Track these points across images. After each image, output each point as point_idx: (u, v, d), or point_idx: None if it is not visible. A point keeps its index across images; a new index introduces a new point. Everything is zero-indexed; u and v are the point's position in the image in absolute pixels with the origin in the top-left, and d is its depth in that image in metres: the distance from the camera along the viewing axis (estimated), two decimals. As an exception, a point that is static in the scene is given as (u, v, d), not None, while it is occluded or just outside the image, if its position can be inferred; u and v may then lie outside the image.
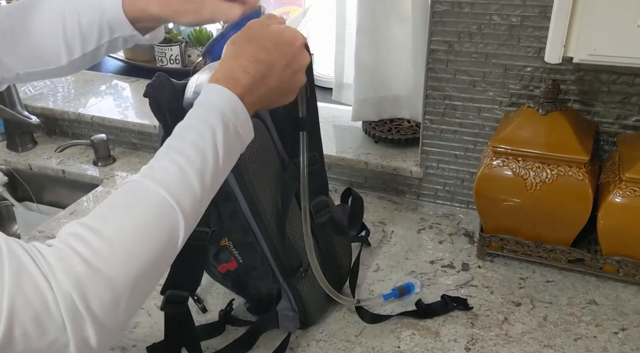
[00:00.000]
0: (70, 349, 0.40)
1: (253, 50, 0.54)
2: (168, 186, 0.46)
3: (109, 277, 0.42)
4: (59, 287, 0.39)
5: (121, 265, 0.43)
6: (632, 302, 0.83)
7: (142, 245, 0.45)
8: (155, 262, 0.45)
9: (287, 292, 0.77)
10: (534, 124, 0.85)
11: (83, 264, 0.41)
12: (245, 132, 0.54)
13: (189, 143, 0.49)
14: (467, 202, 1.07)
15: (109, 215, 0.45)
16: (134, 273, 0.43)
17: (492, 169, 0.86)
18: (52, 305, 0.39)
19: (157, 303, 0.86)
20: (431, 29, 0.94)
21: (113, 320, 0.42)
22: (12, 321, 0.37)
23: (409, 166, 1.09)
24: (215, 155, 0.50)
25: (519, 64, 0.91)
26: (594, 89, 0.89)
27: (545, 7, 0.85)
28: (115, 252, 0.43)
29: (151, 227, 0.45)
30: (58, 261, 0.41)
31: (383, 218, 1.06)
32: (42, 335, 0.39)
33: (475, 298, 0.85)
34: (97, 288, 0.41)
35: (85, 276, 0.41)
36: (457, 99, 0.98)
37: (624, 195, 0.79)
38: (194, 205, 0.48)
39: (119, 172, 1.28)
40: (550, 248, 0.87)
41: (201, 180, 0.48)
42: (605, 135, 0.92)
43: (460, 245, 0.97)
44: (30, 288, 0.39)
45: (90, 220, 0.44)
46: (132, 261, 0.44)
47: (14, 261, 0.39)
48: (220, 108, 0.51)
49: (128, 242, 0.44)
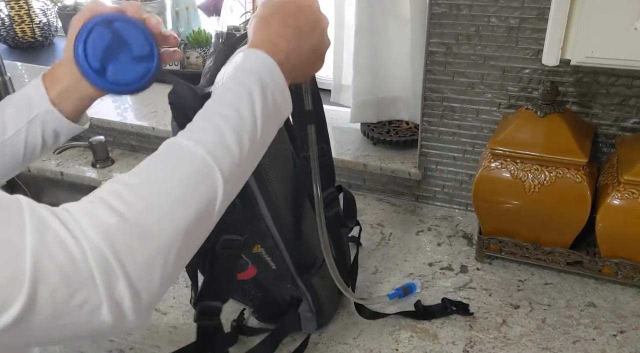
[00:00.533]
0: (103, 312, 0.38)
1: (281, 18, 0.54)
2: (206, 144, 0.44)
3: (142, 231, 0.39)
4: (87, 239, 0.37)
5: (156, 220, 0.40)
6: (631, 305, 0.83)
7: (179, 201, 0.42)
8: (192, 223, 0.42)
9: (306, 293, 0.77)
10: (533, 126, 0.85)
11: (114, 216, 0.38)
12: (283, 101, 0.52)
13: (226, 104, 0.48)
14: (465, 204, 1.07)
15: (145, 171, 0.43)
16: (169, 231, 0.41)
17: (491, 171, 0.86)
18: (79, 259, 0.36)
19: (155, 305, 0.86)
20: (429, 31, 0.94)
21: (147, 284, 0.39)
22: (37, 280, 0.35)
23: (407, 168, 1.08)
24: (253, 118, 0.48)
25: (517, 65, 0.91)
26: (592, 91, 0.89)
27: (544, 9, 0.85)
28: (150, 206, 0.40)
29: (189, 184, 0.43)
30: (86, 215, 0.38)
31: (381, 220, 1.06)
32: (72, 294, 0.36)
33: (473, 301, 0.85)
34: (129, 241, 0.38)
35: (115, 228, 0.38)
36: (456, 101, 0.98)
37: (622, 197, 0.79)
38: (232, 167, 0.45)
39: (118, 173, 1.27)
40: (549, 250, 0.87)
41: (239, 141, 0.46)
42: (603, 137, 0.92)
43: (459, 248, 0.97)
44: (55, 244, 0.36)
45: (126, 176, 0.42)
46: (167, 217, 0.41)
47: (36, 219, 0.37)
48: (258, 73, 0.50)
49: (164, 197, 0.41)
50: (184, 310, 0.86)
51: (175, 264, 0.41)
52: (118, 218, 0.38)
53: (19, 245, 0.35)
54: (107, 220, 0.38)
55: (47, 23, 1.62)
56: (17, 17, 1.57)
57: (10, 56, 1.60)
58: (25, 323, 0.36)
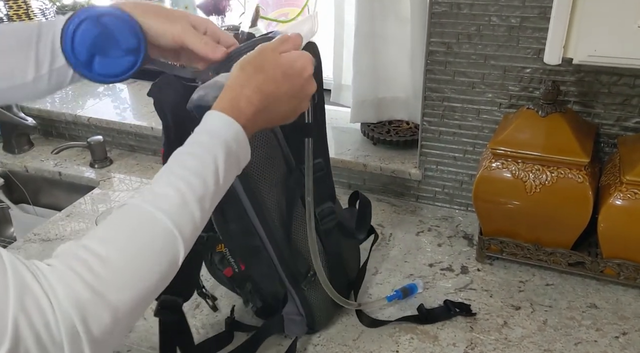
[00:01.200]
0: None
1: (260, 81, 0.54)
2: (171, 214, 0.47)
3: (111, 302, 0.42)
4: (60, 308, 0.40)
5: (123, 290, 0.44)
6: (633, 306, 0.82)
7: (145, 271, 0.45)
8: (157, 286, 0.47)
9: (294, 296, 0.76)
10: (534, 125, 0.84)
11: (85, 288, 0.42)
12: (244, 156, 0.55)
13: (192, 170, 0.50)
14: (466, 204, 1.06)
15: (111, 238, 0.46)
16: (135, 298, 0.44)
17: (492, 171, 0.85)
18: (53, 326, 0.40)
19: (153, 306, 0.85)
20: (430, 31, 0.93)
21: (109, 339, 0.43)
22: (17, 340, 0.38)
23: (407, 168, 1.08)
24: (216, 182, 0.51)
25: (518, 65, 0.91)
26: (594, 91, 0.88)
27: (545, 8, 0.84)
28: (117, 277, 0.44)
29: (154, 253, 0.46)
30: (60, 282, 0.41)
31: (382, 221, 1.05)
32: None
33: (474, 302, 0.84)
34: (98, 312, 0.42)
35: (87, 300, 0.41)
36: (456, 101, 0.98)
37: (624, 197, 0.78)
38: (193, 231, 0.49)
39: (116, 174, 1.27)
40: (550, 251, 0.87)
41: (201, 206, 0.49)
42: (605, 137, 0.91)
43: (459, 248, 0.97)
44: (34, 309, 0.39)
45: (92, 242, 0.45)
46: (134, 287, 0.44)
47: (18, 280, 0.39)
48: (224, 138, 0.51)
49: (131, 267, 0.45)
50: (182, 311, 0.85)
51: (139, 315, 0.47)
52: (88, 290, 0.41)
53: (3, 306, 0.38)
54: (80, 292, 0.41)
55: (46, 23, 1.62)
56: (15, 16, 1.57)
57: (8, 56, 1.60)
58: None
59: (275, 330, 0.77)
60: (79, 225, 1.08)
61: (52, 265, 0.42)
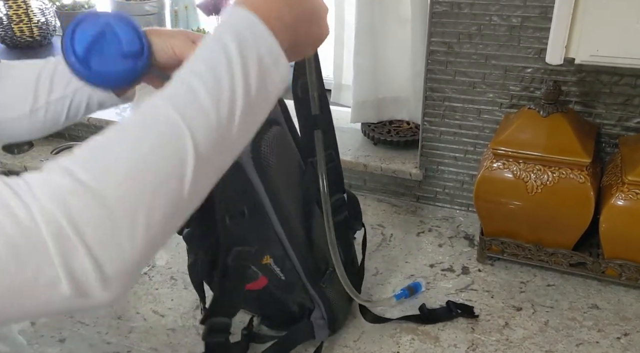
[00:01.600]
0: (62, 286, 0.34)
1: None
2: (175, 102, 0.40)
3: (100, 194, 0.35)
4: (37, 203, 0.34)
5: (114, 181, 0.36)
6: (635, 307, 0.82)
7: (140, 160, 0.38)
8: (158, 184, 0.38)
9: (317, 300, 0.75)
10: (535, 125, 0.84)
11: (68, 178, 0.35)
12: (273, 64, 0.44)
13: (200, 59, 0.42)
14: (467, 204, 1.06)
15: (107, 133, 0.39)
16: (130, 193, 0.37)
17: (493, 171, 0.85)
18: (26, 223, 0.33)
19: (153, 307, 0.85)
20: (430, 30, 0.93)
21: (113, 252, 0.35)
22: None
23: (408, 168, 1.07)
24: (230, 74, 0.41)
25: (519, 65, 0.90)
26: (595, 91, 0.88)
27: (546, 7, 0.84)
28: (107, 166, 0.37)
29: (150, 141, 0.39)
30: (41, 181, 0.35)
31: (382, 221, 1.05)
32: (23, 265, 0.33)
33: (475, 303, 0.84)
34: (86, 204, 0.35)
35: (68, 190, 0.35)
36: (457, 101, 0.97)
37: (626, 198, 0.78)
38: (206, 128, 0.40)
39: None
40: (552, 251, 0.86)
41: (214, 100, 0.40)
42: (607, 137, 0.91)
43: (460, 249, 0.96)
44: (7, 223, 0.33)
45: (91, 139, 0.39)
46: (127, 178, 0.37)
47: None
48: (233, 25, 0.43)
49: (123, 155, 0.38)
50: (182, 312, 0.85)
51: (148, 229, 0.37)
52: (72, 180, 0.35)
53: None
54: (60, 182, 0.35)
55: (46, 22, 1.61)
56: (15, 16, 1.56)
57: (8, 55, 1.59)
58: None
59: (305, 337, 0.75)
60: (78, 226, 1.07)
61: (42, 168, 0.37)
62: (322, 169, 0.67)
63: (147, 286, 0.90)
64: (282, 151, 0.69)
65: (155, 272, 0.93)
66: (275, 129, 0.69)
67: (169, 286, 0.90)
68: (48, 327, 0.82)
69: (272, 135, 0.68)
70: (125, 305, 0.86)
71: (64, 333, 0.81)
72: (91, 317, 0.84)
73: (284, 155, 0.69)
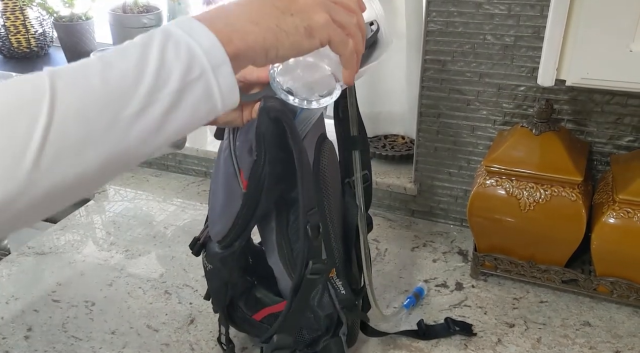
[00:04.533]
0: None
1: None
2: (56, 70, 0.37)
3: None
4: None
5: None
6: (627, 324, 0.82)
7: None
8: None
9: (342, 314, 0.72)
10: (528, 143, 0.85)
11: None
12: (200, 42, 0.39)
13: (115, 51, 0.39)
14: (460, 219, 1.06)
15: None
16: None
17: (486, 188, 0.86)
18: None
19: (147, 322, 0.85)
20: (425, 48, 0.94)
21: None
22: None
23: (403, 183, 1.08)
24: (142, 58, 0.38)
25: (512, 83, 0.91)
26: (587, 109, 0.89)
27: (539, 27, 0.85)
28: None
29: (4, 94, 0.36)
30: None
31: (377, 236, 1.05)
32: None
33: (468, 319, 0.84)
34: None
35: None
36: (451, 117, 0.98)
37: (617, 216, 0.78)
38: (76, 92, 0.36)
39: (111, 186, 1.27)
40: (544, 268, 0.87)
41: (104, 76, 0.37)
42: (598, 155, 0.92)
43: (454, 264, 0.97)
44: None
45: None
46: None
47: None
48: (163, 27, 0.41)
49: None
50: (176, 327, 0.85)
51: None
52: None
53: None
54: None
55: (43, 33, 1.62)
56: (12, 27, 1.57)
57: (5, 66, 1.59)
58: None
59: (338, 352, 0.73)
60: (74, 238, 1.07)
61: None
62: (360, 189, 0.69)
63: (141, 300, 0.90)
64: (334, 167, 0.69)
65: (150, 287, 0.93)
66: (328, 143, 0.69)
67: (163, 300, 0.90)
68: (42, 342, 0.82)
69: (328, 149, 0.68)
70: (119, 319, 0.86)
71: (57, 347, 0.81)
72: (85, 331, 0.84)
73: (335, 172, 0.69)
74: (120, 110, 0.37)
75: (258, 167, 0.60)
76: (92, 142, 0.36)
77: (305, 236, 0.61)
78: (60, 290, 0.92)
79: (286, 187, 0.64)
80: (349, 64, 0.51)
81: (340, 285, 0.70)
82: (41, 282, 0.94)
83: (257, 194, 0.62)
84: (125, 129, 0.37)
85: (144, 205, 1.19)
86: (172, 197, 1.22)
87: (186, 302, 0.90)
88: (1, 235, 0.36)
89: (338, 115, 0.70)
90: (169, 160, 1.31)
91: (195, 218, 1.14)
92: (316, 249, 0.62)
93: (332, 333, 0.72)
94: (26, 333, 0.84)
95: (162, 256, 1.01)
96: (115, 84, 0.37)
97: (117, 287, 0.93)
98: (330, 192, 0.67)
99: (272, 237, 0.69)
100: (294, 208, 0.66)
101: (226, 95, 0.41)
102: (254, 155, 0.61)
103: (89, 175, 0.37)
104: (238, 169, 0.64)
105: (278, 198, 0.65)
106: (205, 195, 1.23)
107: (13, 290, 0.92)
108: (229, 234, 0.67)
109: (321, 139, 0.67)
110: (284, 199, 0.66)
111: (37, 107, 0.35)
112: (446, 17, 0.90)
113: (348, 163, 0.71)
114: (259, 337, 0.76)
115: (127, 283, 0.94)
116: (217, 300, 0.75)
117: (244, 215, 0.64)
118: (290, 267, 0.69)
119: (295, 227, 0.67)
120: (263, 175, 0.61)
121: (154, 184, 1.28)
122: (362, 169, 0.71)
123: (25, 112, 0.35)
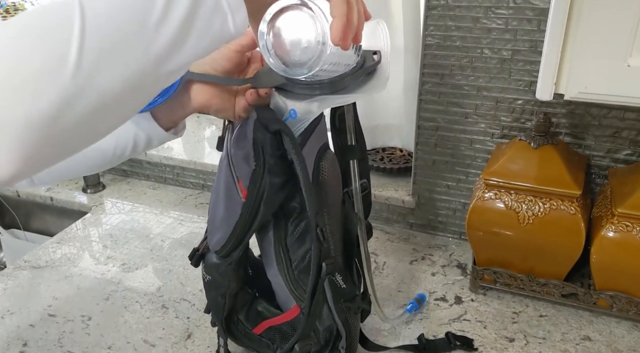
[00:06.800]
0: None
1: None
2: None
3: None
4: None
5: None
6: (626, 339, 0.82)
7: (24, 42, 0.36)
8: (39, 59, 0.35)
9: (341, 327, 0.72)
10: (526, 157, 0.85)
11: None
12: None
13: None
14: (459, 232, 1.06)
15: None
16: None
17: (485, 201, 0.86)
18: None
19: (144, 337, 0.84)
20: (423, 61, 0.95)
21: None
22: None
23: (401, 196, 1.08)
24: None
25: (510, 96, 0.92)
26: (584, 123, 0.89)
27: (536, 41, 0.86)
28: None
29: (38, 26, 0.37)
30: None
31: (375, 249, 1.05)
32: None
33: (468, 333, 0.83)
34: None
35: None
36: (449, 130, 0.98)
37: (616, 230, 0.78)
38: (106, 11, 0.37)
39: (109, 199, 1.26)
40: (544, 282, 0.87)
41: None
42: (596, 168, 0.92)
43: (453, 278, 0.96)
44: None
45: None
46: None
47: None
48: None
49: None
50: (173, 341, 0.84)
51: (29, 118, 0.35)
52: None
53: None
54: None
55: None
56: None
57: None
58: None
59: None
60: (70, 251, 1.07)
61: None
62: (358, 197, 0.69)
63: (137, 315, 0.89)
64: (335, 177, 0.69)
65: (147, 301, 0.92)
66: (330, 153, 0.69)
67: (160, 315, 0.89)
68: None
69: (330, 159, 0.68)
70: (116, 334, 0.85)
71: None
72: (81, 346, 0.83)
73: (336, 182, 0.69)
74: (146, 17, 0.38)
75: (257, 177, 0.61)
76: (125, 49, 0.38)
77: (317, 239, 0.60)
78: (57, 304, 0.91)
79: (286, 196, 0.64)
80: (336, 9, 0.45)
81: (340, 280, 0.69)
82: (37, 296, 0.93)
83: (256, 203, 0.63)
84: (151, 38, 0.39)
85: (141, 218, 1.18)
86: (170, 210, 1.21)
87: (183, 316, 0.89)
88: (45, 164, 0.38)
89: (335, 125, 0.70)
90: (166, 172, 1.31)
91: (192, 231, 1.13)
92: (327, 250, 0.63)
93: (331, 347, 0.72)
94: (22, 348, 0.83)
95: (159, 269, 1.01)
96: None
97: (113, 301, 0.92)
98: (331, 202, 0.67)
99: (271, 248, 0.68)
100: (293, 218, 0.66)
101: (234, 9, 0.42)
102: (252, 164, 0.61)
103: (120, 88, 0.38)
104: (236, 178, 0.64)
105: (277, 209, 0.65)
106: (202, 207, 1.22)
107: (8, 305, 0.91)
108: (227, 244, 0.67)
109: (323, 149, 0.67)
110: (283, 209, 0.66)
111: (68, 14, 0.36)
112: (444, 31, 0.91)
113: (346, 172, 0.71)
114: (258, 351, 0.76)
115: (124, 297, 0.93)
116: (216, 312, 0.74)
117: (243, 224, 0.64)
118: (289, 279, 0.68)
119: (295, 237, 0.67)
120: (263, 184, 0.61)
121: (151, 197, 1.27)
122: (360, 177, 0.71)
123: (59, 20, 0.36)
